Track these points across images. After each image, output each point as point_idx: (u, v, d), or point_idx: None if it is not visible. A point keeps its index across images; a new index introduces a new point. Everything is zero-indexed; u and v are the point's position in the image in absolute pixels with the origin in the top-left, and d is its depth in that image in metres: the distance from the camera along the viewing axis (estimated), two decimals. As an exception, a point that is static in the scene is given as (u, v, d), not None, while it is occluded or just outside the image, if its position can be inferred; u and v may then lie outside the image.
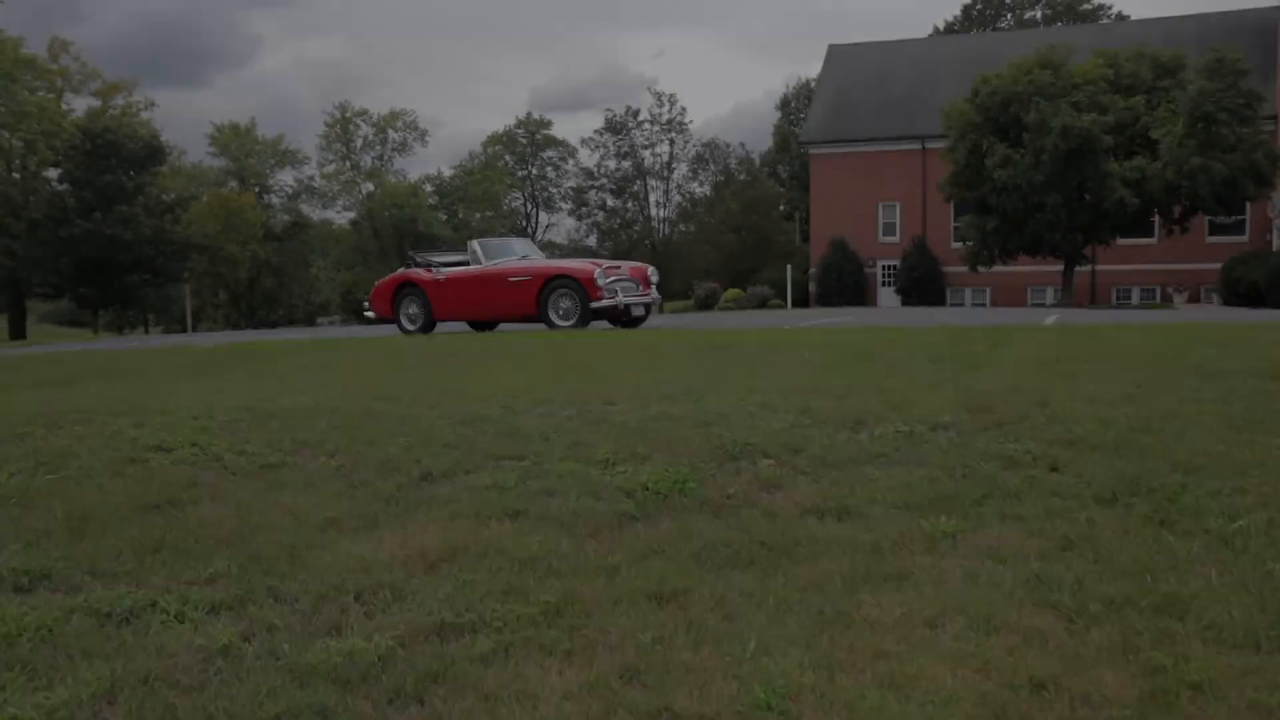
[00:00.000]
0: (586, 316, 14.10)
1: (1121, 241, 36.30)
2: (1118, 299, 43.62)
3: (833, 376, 7.11)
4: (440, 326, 16.23)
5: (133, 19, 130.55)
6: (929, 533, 3.77)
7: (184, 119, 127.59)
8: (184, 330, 63.77)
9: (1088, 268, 41.26)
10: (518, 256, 15.58)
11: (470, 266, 15.24)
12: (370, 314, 16.18)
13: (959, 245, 41.69)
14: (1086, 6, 68.71)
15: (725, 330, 12.30)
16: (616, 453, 4.91)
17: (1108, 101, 32.07)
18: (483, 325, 16.14)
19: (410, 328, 15.51)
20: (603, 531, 3.91)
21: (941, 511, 3.99)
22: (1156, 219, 35.10)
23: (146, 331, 65.77)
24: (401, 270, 16.03)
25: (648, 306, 15.10)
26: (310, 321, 76.25)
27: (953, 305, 44.02)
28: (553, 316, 14.26)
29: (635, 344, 10.31)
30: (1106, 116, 31.43)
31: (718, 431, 5.25)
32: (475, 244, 15.45)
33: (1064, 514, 3.92)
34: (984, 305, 43.84)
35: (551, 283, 14.31)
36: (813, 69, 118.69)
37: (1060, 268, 38.81)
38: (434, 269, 15.56)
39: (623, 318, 14.73)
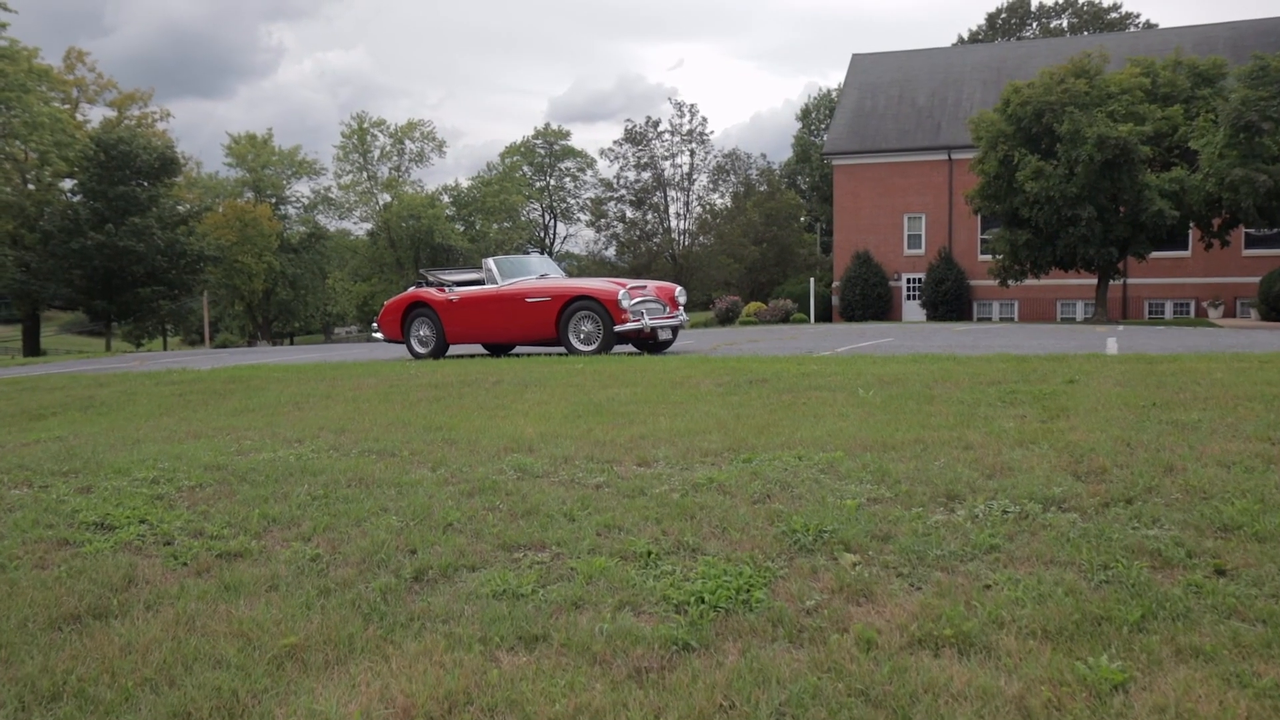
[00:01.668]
0: (610, 341, 13.10)
1: (1154, 255, 35.19)
2: (1150, 313, 42.50)
3: (901, 425, 6.13)
4: (453, 349, 15.32)
5: (156, 31, 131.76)
6: (1089, 681, 2.79)
7: (207, 129, 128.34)
8: (203, 341, 63.33)
9: (1119, 281, 40.15)
10: (536, 275, 14.56)
11: (485, 286, 14.27)
12: (379, 335, 15.20)
13: (986, 258, 40.64)
14: (1114, 16, 67.63)
15: (760, 358, 11.31)
16: (659, 540, 3.95)
17: (1145, 111, 31.03)
18: (498, 349, 15.20)
19: (421, 351, 14.54)
20: (649, 670, 2.95)
21: (1095, 643, 3.02)
22: (1191, 231, 33.98)
23: (165, 344, 65.23)
24: (412, 289, 15.02)
25: (675, 329, 14.07)
26: (327, 332, 75.72)
27: (980, 320, 43.01)
28: (573, 341, 13.28)
29: (665, 375, 9.35)
30: (1144, 126, 30.39)
31: (780, 509, 4.28)
32: (490, 262, 14.44)
33: (1262, 650, 2.94)
34: (1012, 320, 42.80)
35: (572, 304, 13.29)
36: (832, 79, 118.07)
37: (1091, 281, 37.69)
38: (446, 288, 14.60)
39: (649, 341, 13.74)
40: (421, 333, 14.57)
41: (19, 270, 43.50)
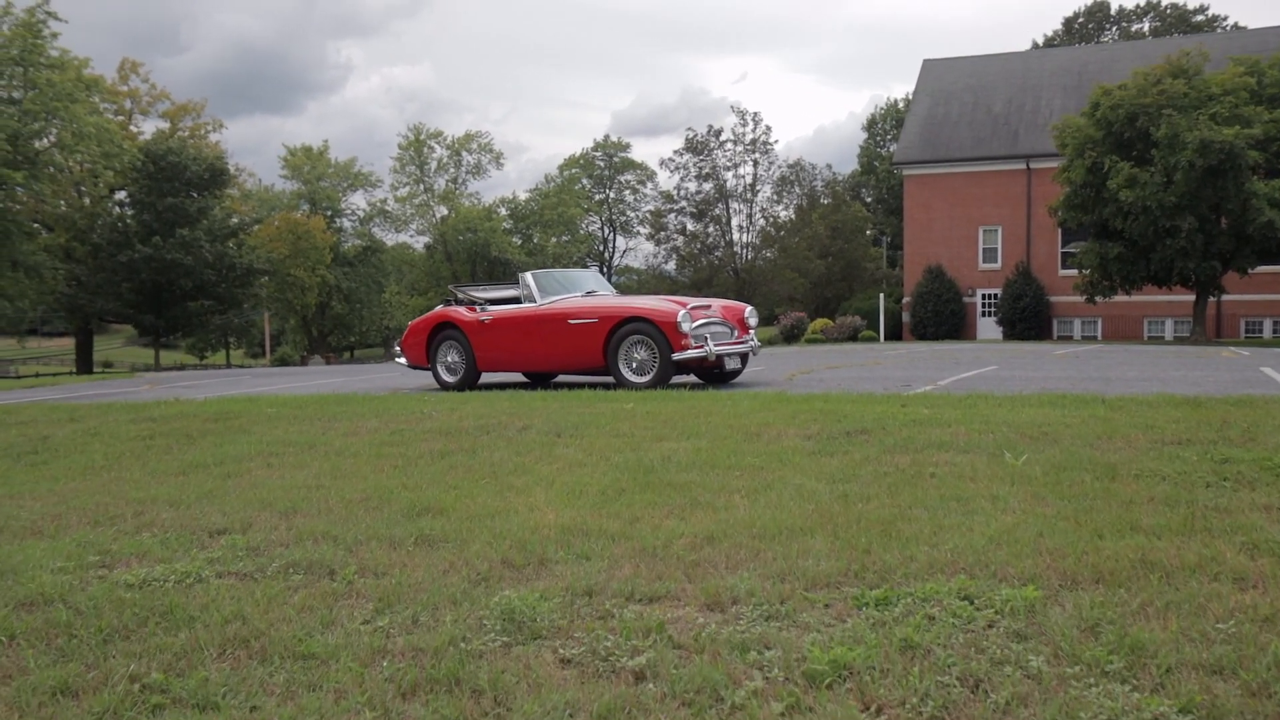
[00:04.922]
0: (667, 371, 10.91)
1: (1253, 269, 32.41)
2: (1247, 332, 39.64)
3: (1098, 523, 4.06)
4: (487, 376, 13.42)
5: (229, 49, 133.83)
6: None
7: (274, 145, 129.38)
8: (264, 354, 62.54)
9: (1214, 298, 37.37)
10: (581, 292, 12.44)
11: (523, 304, 12.24)
12: (402, 361, 13.24)
13: (1068, 273, 38.07)
14: (1199, 19, 64.41)
15: (850, 395, 9.22)
16: None
17: (1251, 113, 28.38)
18: (538, 377, 13.23)
19: (449, 380, 12.52)
20: None
21: None
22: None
23: (228, 358, 64.36)
24: (440, 308, 12.97)
25: (744, 357, 11.93)
26: (386, 346, 74.62)
27: (1060, 338, 40.40)
28: (624, 370, 11.14)
29: (736, 421, 7.34)
30: (1251, 129, 27.75)
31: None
32: (528, 277, 12.38)
33: None
34: (1095, 339, 40.13)
35: (623, 327, 11.14)
36: (897, 91, 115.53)
37: (1181, 298, 34.99)
38: (479, 307, 12.62)
39: (713, 370, 11.66)
40: (449, 359, 12.57)
41: (69, 284, 42.57)
